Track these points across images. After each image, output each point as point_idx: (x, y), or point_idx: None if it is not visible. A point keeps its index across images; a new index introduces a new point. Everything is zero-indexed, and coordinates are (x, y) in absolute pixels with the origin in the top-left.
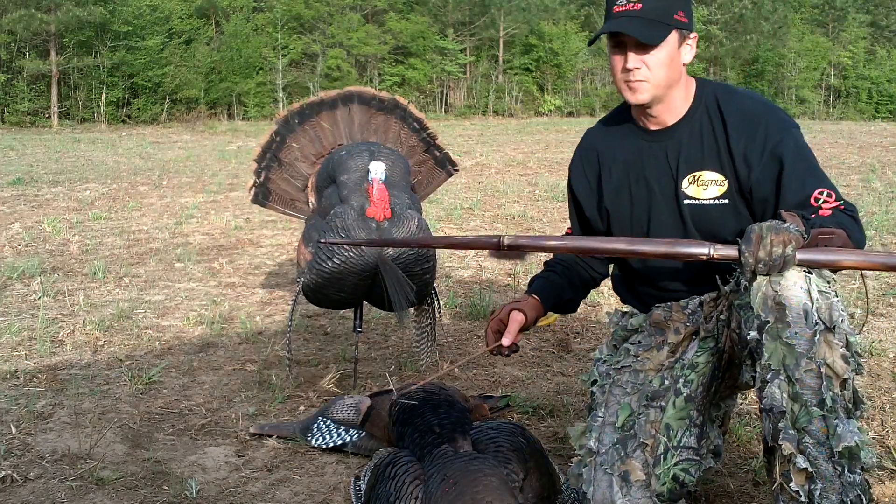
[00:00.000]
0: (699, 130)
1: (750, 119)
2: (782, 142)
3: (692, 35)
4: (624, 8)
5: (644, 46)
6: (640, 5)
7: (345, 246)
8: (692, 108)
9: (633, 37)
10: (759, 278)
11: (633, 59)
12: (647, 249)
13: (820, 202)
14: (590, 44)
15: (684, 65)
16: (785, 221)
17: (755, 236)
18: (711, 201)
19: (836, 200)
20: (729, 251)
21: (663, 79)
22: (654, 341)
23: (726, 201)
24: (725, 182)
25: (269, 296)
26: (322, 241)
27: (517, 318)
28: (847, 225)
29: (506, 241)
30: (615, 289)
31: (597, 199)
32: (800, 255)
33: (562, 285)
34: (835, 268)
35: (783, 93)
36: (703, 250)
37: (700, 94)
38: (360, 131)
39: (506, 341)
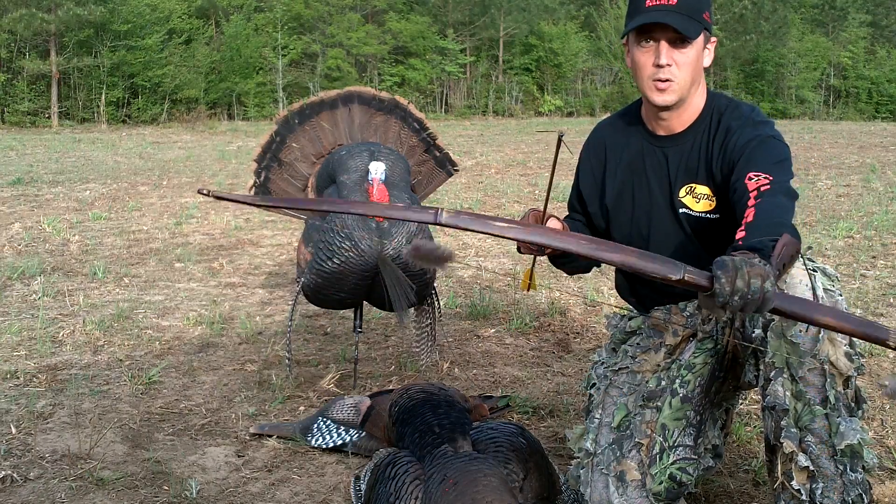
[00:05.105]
0: (699, 143)
1: (726, 132)
2: (744, 146)
3: (712, 39)
4: (658, 2)
5: (677, 44)
6: (675, 0)
7: (344, 244)
8: (699, 119)
9: (673, 29)
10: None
11: (666, 55)
12: (613, 258)
13: (753, 180)
14: (623, 36)
15: (704, 69)
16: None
17: (731, 264)
18: (704, 214)
19: (769, 183)
20: (700, 279)
21: (689, 80)
22: (652, 343)
23: (717, 216)
24: (714, 198)
25: (269, 296)
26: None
27: (555, 224)
28: (769, 210)
29: (444, 217)
30: (617, 287)
31: (599, 196)
32: (777, 302)
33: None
34: (808, 323)
35: (783, 93)
36: (674, 274)
37: (709, 106)
38: (361, 131)
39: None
